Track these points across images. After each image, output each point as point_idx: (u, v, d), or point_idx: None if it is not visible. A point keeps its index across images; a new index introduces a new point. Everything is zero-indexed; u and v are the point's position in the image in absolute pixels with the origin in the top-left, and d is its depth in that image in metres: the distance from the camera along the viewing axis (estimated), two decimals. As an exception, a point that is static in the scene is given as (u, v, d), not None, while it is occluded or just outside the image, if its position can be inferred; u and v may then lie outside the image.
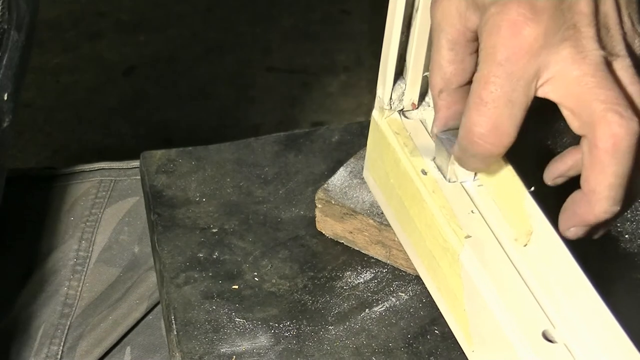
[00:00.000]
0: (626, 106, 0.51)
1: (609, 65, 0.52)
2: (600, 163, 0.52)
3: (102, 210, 0.84)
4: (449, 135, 0.58)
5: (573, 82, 0.52)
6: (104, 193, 0.85)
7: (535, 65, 0.52)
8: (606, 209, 0.53)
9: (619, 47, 0.53)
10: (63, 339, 0.78)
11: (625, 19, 0.54)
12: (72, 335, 0.79)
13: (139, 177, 0.80)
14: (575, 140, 0.55)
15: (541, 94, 0.53)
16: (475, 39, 0.55)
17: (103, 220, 0.84)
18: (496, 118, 0.52)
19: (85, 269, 0.81)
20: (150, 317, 0.79)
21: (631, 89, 0.53)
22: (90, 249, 0.82)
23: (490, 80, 0.52)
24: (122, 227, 0.83)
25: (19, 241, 0.83)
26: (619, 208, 0.53)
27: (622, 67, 0.53)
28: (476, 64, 0.56)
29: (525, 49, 0.51)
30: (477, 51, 0.55)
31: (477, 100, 0.52)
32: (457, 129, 0.58)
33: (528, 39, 0.51)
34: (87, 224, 0.83)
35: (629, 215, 0.69)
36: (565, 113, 0.53)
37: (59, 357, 0.78)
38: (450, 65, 0.56)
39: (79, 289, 0.81)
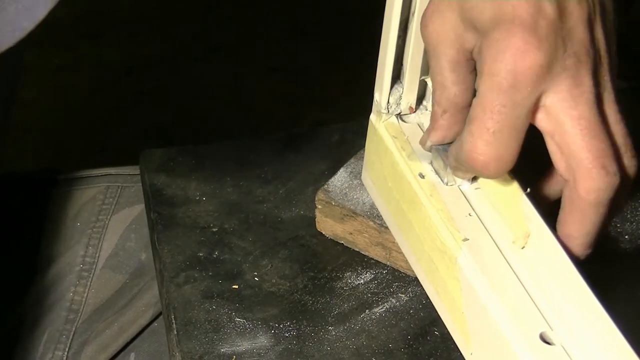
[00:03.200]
0: (612, 159, 0.52)
1: (599, 101, 0.53)
2: (580, 212, 0.53)
3: (108, 217, 0.84)
4: (445, 146, 0.58)
5: (569, 120, 0.52)
6: (110, 199, 0.85)
7: (538, 92, 0.52)
8: (581, 253, 0.56)
9: (607, 78, 0.53)
10: (68, 345, 0.78)
11: (612, 46, 0.54)
12: (77, 341, 0.78)
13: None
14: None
15: (536, 120, 0.53)
16: (473, 57, 0.55)
17: (110, 227, 0.83)
18: (501, 147, 0.52)
19: (91, 275, 0.81)
20: (155, 324, 0.79)
21: (615, 128, 0.54)
22: (97, 255, 0.82)
23: (497, 110, 0.51)
24: (129, 234, 0.83)
25: (25, 246, 0.83)
26: (591, 250, 0.56)
27: (609, 102, 0.54)
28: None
29: (530, 76, 0.51)
30: (475, 69, 0.55)
31: (482, 129, 0.52)
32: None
33: (533, 66, 0.50)
34: (94, 230, 0.83)
35: (628, 216, 0.69)
36: (552, 148, 0.53)
37: None
38: (454, 86, 0.56)
39: (85, 294, 0.80)
